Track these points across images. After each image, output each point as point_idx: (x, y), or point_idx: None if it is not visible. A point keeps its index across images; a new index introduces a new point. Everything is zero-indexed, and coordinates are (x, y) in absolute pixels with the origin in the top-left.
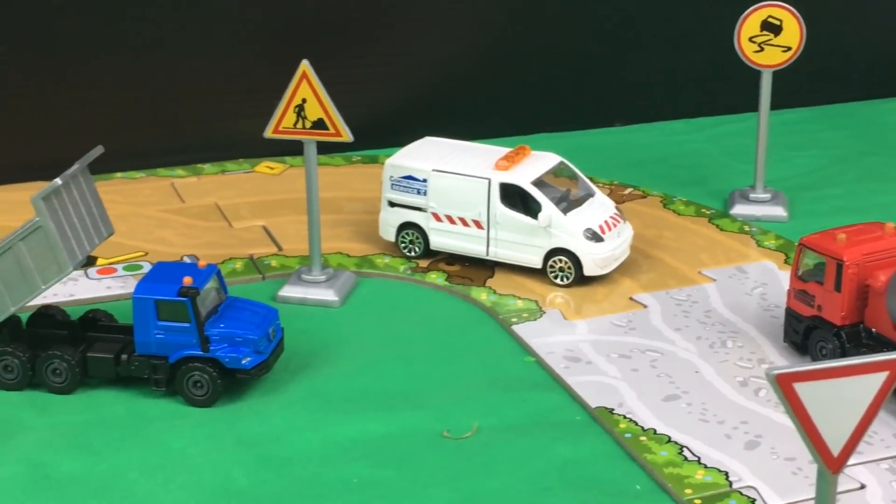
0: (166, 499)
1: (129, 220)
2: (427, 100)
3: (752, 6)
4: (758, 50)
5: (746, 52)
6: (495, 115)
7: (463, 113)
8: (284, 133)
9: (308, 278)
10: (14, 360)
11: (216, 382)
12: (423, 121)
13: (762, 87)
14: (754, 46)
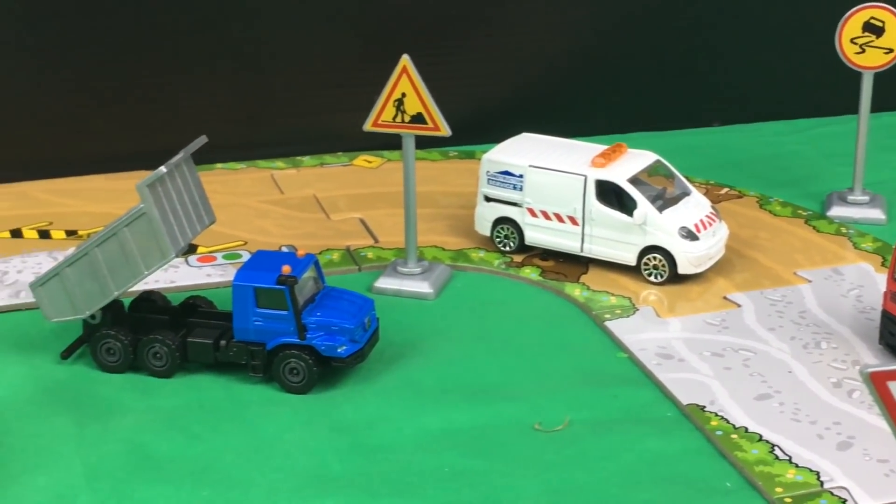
0: (261, 482)
1: (229, 210)
2: (525, 96)
3: (855, 7)
4: (859, 51)
5: (847, 54)
6: (593, 112)
7: (561, 110)
8: (383, 127)
9: (404, 270)
10: (116, 343)
11: (312, 370)
12: (521, 117)
13: (863, 89)
14: (856, 48)
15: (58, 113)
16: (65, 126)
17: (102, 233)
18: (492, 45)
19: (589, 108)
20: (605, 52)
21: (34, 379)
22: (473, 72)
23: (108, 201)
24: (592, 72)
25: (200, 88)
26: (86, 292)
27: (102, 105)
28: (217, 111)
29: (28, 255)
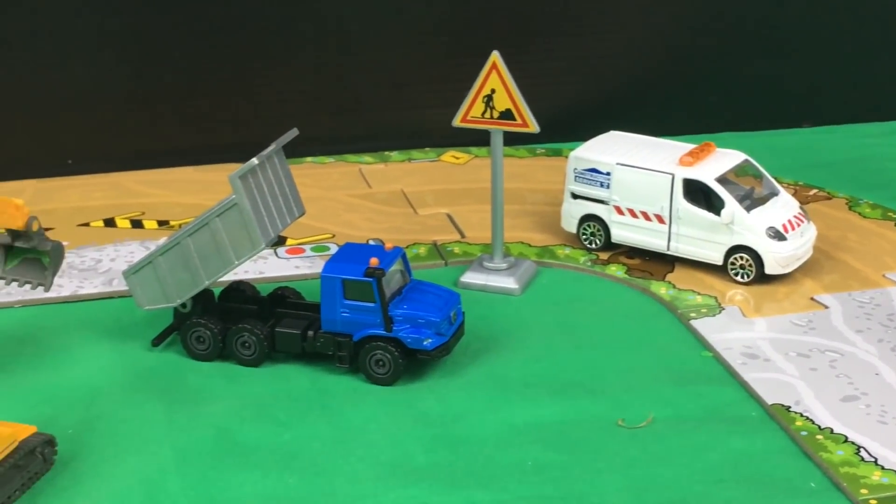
0: (346, 470)
1: (317, 203)
2: (614, 95)
3: None
4: None
5: None
6: (682, 112)
7: (649, 109)
8: (472, 122)
9: (490, 266)
10: (206, 331)
11: (398, 362)
12: (609, 116)
13: None
14: None
15: (151, 105)
16: (158, 118)
17: (194, 223)
18: (582, 43)
19: (677, 108)
20: (694, 51)
21: (126, 365)
22: (562, 69)
23: (199, 192)
24: (682, 71)
25: (291, 82)
26: (177, 281)
27: (195, 98)
28: (307, 105)
29: (121, 245)
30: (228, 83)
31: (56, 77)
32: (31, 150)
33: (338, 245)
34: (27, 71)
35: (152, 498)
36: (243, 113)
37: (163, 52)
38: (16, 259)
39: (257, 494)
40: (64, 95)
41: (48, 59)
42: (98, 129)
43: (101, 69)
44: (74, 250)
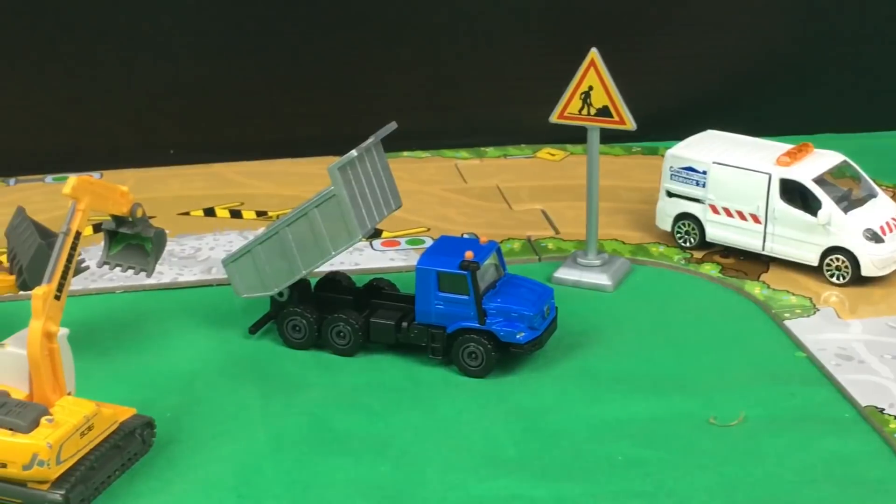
0: (437, 460)
1: (413, 197)
2: (711, 94)
3: None
4: None
5: None
6: (779, 112)
7: (746, 109)
8: (569, 119)
9: (583, 262)
10: (302, 320)
11: (490, 354)
12: (707, 115)
13: None
14: None
15: (252, 98)
16: (257, 111)
17: (293, 213)
18: (680, 41)
19: (775, 108)
20: (793, 51)
21: (223, 352)
22: (660, 68)
23: (297, 184)
24: (780, 71)
25: (389, 78)
26: (275, 270)
27: (296, 91)
28: (405, 100)
29: (220, 234)
30: (328, 77)
31: (160, 69)
32: (134, 140)
33: (432, 239)
34: (132, 63)
35: (247, 482)
36: (342, 106)
37: (264, 45)
38: (119, 245)
39: (349, 481)
40: (167, 87)
41: (152, 51)
42: (199, 120)
43: (203, 62)
44: (175, 238)
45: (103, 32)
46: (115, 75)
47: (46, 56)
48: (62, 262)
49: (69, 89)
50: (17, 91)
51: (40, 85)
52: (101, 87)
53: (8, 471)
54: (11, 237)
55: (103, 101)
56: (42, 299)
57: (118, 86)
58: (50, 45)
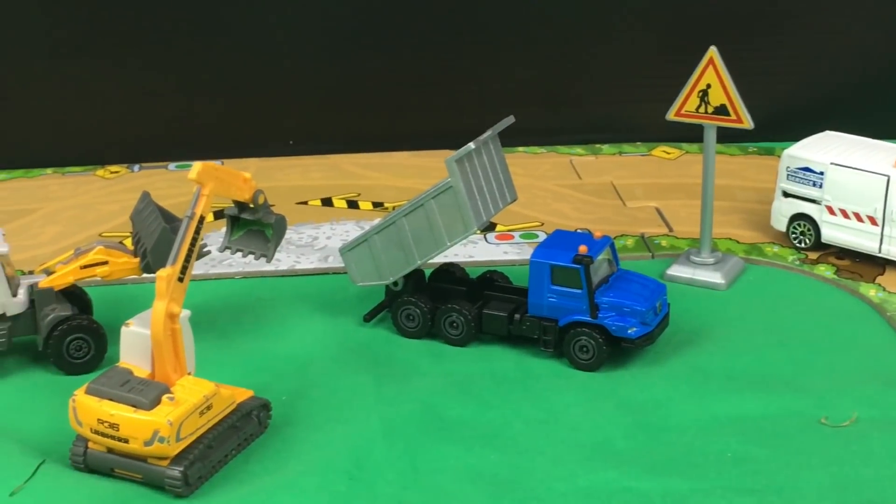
0: (547, 451)
1: (528, 192)
2: (831, 95)
3: None
4: None
5: None
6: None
7: (865, 111)
8: (686, 116)
9: (697, 260)
10: (416, 310)
11: (602, 348)
12: (825, 116)
13: None
14: None
15: (370, 90)
16: (376, 104)
17: (410, 204)
18: (800, 41)
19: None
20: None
21: (338, 338)
22: (780, 68)
23: (413, 177)
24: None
25: (507, 73)
26: (391, 259)
27: (412, 84)
28: (522, 96)
29: (337, 223)
30: (446, 71)
31: (281, 62)
32: (255, 131)
33: (546, 233)
34: (253, 55)
35: (359, 465)
36: (459, 101)
37: (385, 39)
38: (241, 230)
39: (459, 468)
40: (287, 79)
41: (274, 45)
42: (319, 112)
43: (323, 55)
44: (293, 227)
45: (228, 25)
46: (238, 67)
47: (171, 48)
48: (186, 245)
49: (193, 80)
50: (142, 81)
51: (165, 76)
52: (223, 79)
53: (129, 446)
54: (136, 221)
55: (225, 92)
56: (166, 281)
57: (240, 77)
58: (176, 38)
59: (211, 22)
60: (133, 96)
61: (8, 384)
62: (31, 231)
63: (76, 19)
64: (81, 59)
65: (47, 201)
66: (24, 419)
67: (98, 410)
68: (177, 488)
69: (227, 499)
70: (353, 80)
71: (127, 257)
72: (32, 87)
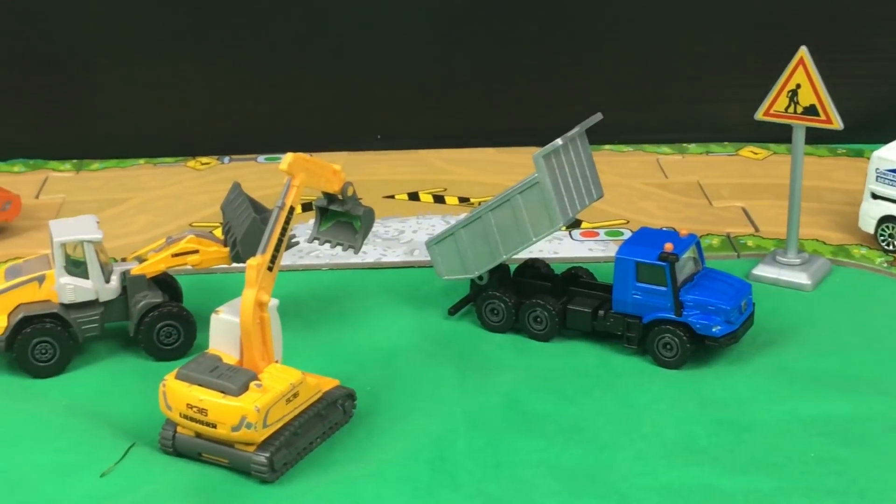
0: (629, 446)
1: (613, 190)
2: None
3: None
4: None
5: None
6: None
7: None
8: (774, 116)
9: (783, 260)
10: (500, 304)
11: (685, 346)
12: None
13: None
14: None
15: (457, 87)
16: (464, 100)
17: (497, 198)
18: (891, 43)
19: None
20: None
21: (422, 331)
22: (869, 69)
23: (500, 173)
24: None
25: (595, 71)
26: (476, 254)
27: (500, 81)
28: (609, 94)
29: (423, 218)
30: (535, 69)
31: (370, 58)
32: (344, 125)
33: (631, 231)
34: (344, 51)
35: (442, 456)
36: (547, 98)
37: (472, 35)
38: (329, 222)
39: (541, 461)
40: (377, 75)
41: (365, 41)
42: (407, 107)
43: (411, 51)
44: (379, 221)
45: (320, 21)
46: (328, 63)
47: (264, 43)
48: (276, 235)
49: (284, 75)
50: (235, 75)
51: (258, 71)
52: (313, 74)
53: (217, 431)
54: (227, 211)
55: (315, 87)
56: (256, 269)
57: (330, 72)
58: (268, 33)
59: (303, 18)
60: (225, 90)
61: (100, 369)
62: (124, 220)
63: (173, 14)
64: (176, 54)
65: (139, 191)
66: (115, 403)
67: (187, 395)
68: (262, 474)
69: (311, 485)
70: (442, 77)
71: (217, 246)
72: (128, 81)
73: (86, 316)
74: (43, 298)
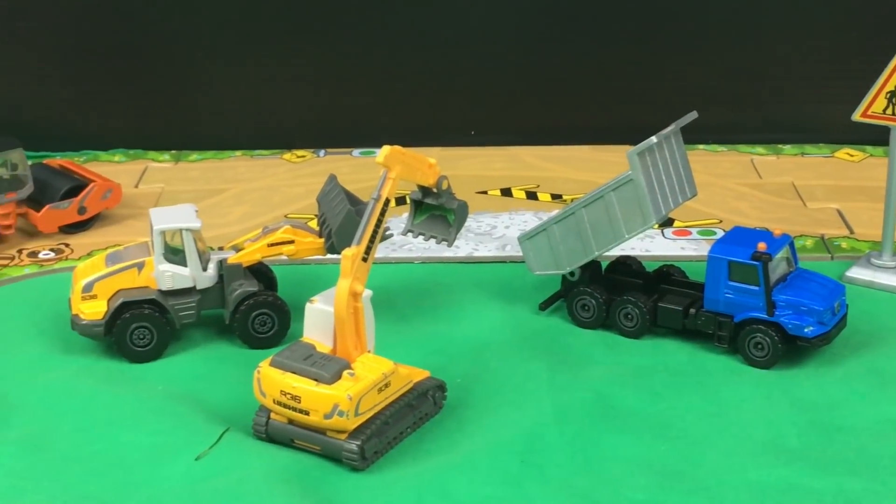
0: (718, 444)
1: (707, 189)
2: None
3: None
4: None
5: None
6: None
7: None
8: (872, 118)
9: (878, 263)
10: (592, 300)
11: (777, 346)
12: None
13: None
14: None
15: (551, 84)
16: (558, 97)
17: (590, 195)
18: None
19: None
20: None
21: (513, 325)
22: None
23: (593, 170)
24: None
25: (689, 70)
26: (569, 249)
27: (593, 79)
28: (704, 93)
29: (515, 214)
30: (629, 67)
31: (464, 53)
32: (438, 120)
33: (724, 230)
34: (440, 47)
35: (531, 449)
36: (641, 96)
37: (567, 32)
38: (424, 215)
39: (629, 457)
40: (472, 71)
41: (460, 37)
42: (501, 104)
43: (505, 47)
44: (472, 216)
45: (416, 16)
46: (423, 58)
47: (359, 38)
48: (371, 226)
49: (380, 70)
50: (332, 70)
51: (354, 65)
52: (409, 69)
53: (310, 418)
54: (323, 203)
55: (410, 82)
56: (351, 260)
57: (425, 68)
58: (364, 28)
59: (400, 12)
60: (323, 85)
61: (195, 355)
62: (221, 210)
63: (274, 9)
64: (274, 48)
65: (236, 182)
66: (209, 389)
67: (281, 382)
68: (353, 461)
69: (401, 474)
70: (537, 73)
71: (312, 237)
72: (227, 74)
73: (183, 303)
74: (142, 285)
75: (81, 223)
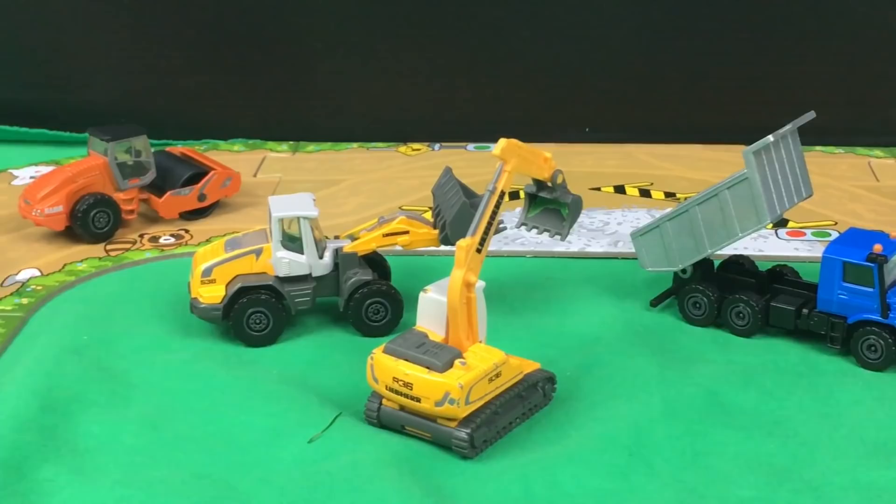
0: (828, 444)
1: (822, 191)
2: None
3: None
4: None
5: None
6: None
7: None
8: None
9: None
10: (703, 298)
11: (891, 348)
12: None
13: None
14: None
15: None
16: (673, 96)
17: (704, 193)
18: None
19: None
20: None
21: (624, 321)
22: None
23: (707, 169)
24: None
25: (808, 70)
26: (681, 247)
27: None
28: (822, 95)
29: (628, 210)
30: (746, 66)
31: (581, 50)
32: (553, 117)
33: (839, 232)
34: (556, 44)
35: (639, 442)
36: (757, 96)
37: (683, 30)
38: (538, 208)
39: (738, 454)
40: (587, 68)
41: (576, 34)
42: (616, 102)
43: (621, 46)
44: (585, 212)
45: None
46: (539, 55)
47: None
48: (486, 218)
49: (496, 66)
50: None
51: (471, 61)
52: (524, 65)
53: (421, 405)
54: (438, 195)
55: (526, 78)
56: (465, 250)
57: (540, 65)
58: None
59: (517, 8)
60: (439, 79)
61: (310, 341)
62: (337, 200)
63: (393, 3)
64: (391, 43)
65: (352, 173)
66: (323, 374)
67: (394, 369)
68: (463, 449)
69: (509, 464)
70: (652, 71)
71: (427, 228)
72: (345, 68)
73: (299, 289)
74: (259, 271)
75: (201, 210)
